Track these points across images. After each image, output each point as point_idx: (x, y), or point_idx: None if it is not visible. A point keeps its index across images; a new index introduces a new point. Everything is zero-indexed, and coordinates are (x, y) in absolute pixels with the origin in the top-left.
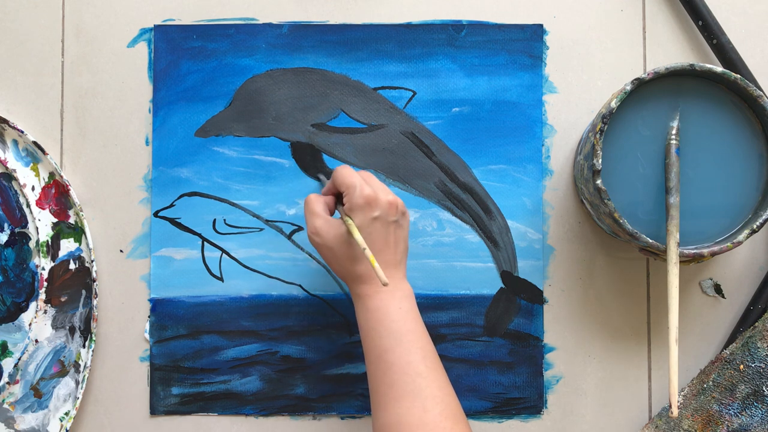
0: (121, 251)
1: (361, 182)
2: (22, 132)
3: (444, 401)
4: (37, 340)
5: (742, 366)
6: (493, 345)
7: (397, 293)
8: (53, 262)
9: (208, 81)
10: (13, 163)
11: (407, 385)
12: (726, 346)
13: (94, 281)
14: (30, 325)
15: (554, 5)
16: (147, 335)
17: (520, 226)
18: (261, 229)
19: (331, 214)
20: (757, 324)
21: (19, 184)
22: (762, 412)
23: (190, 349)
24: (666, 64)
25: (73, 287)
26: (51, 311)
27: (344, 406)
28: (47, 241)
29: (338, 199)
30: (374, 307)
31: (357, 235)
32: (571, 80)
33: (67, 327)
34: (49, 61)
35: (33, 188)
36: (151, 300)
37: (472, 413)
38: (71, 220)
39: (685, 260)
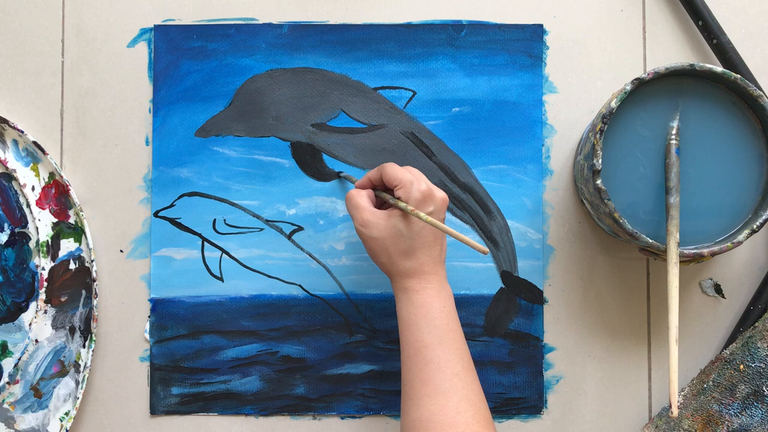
0: (121, 251)
1: (416, 178)
2: (22, 132)
3: (476, 405)
4: (37, 340)
5: (742, 366)
6: (493, 345)
7: (442, 292)
8: (53, 262)
9: (208, 81)
10: (13, 163)
11: (443, 384)
12: (726, 346)
13: (94, 281)
14: (30, 325)
15: (554, 5)
16: (147, 335)
17: (520, 226)
18: (261, 229)
19: (374, 206)
20: (757, 324)
21: (19, 184)
22: (762, 412)
23: (190, 349)
24: (666, 64)
25: (73, 287)
26: (51, 311)
27: (344, 406)
28: (47, 241)
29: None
30: (420, 302)
31: (430, 219)
32: (571, 80)
33: (67, 327)
34: (49, 61)
35: (33, 188)
36: (151, 300)
37: None
38: (71, 220)
39: (685, 260)
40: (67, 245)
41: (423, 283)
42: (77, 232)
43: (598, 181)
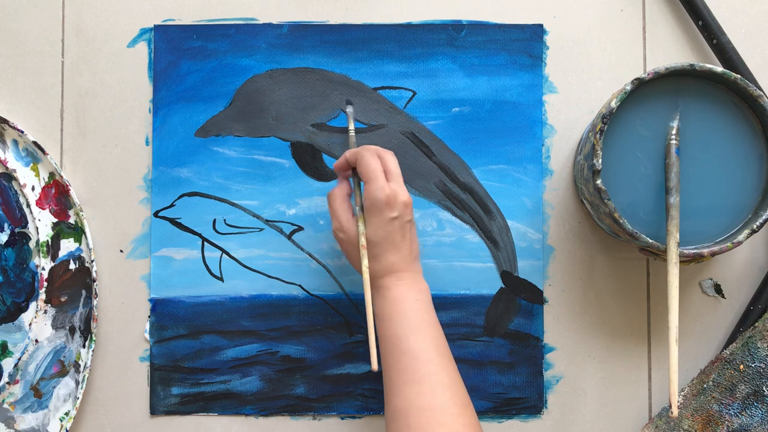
0: (121, 251)
1: (382, 177)
2: (22, 132)
3: (452, 388)
4: (37, 340)
5: (742, 366)
6: (493, 345)
7: (415, 287)
8: (53, 262)
9: (208, 81)
10: (13, 163)
11: (418, 371)
12: (726, 346)
13: (94, 281)
14: (30, 325)
15: (554, 5)
16: (147, 335)
17: (520, 226)
18: (261, 229)
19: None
20: (757, 324)
21: (19, 184)
22: (762, 412)
23: (190, 349)
24: (666, 64)
25: (73, 287)
26: (51, 311)
27: (344, 406)
28: (47, 241)
29: (355, 174)
30: (392, 297)
31: (362, 240)
32: (571, 80)
33: (67, 327)
34: (49, 61)
35: (33, 188)
36: (151, 300)
37: None
38: (71, 220)
39: (685, 260)
40: (67, 245)
41: (395, 280)
42: (77, 232)
43: (598, 181)
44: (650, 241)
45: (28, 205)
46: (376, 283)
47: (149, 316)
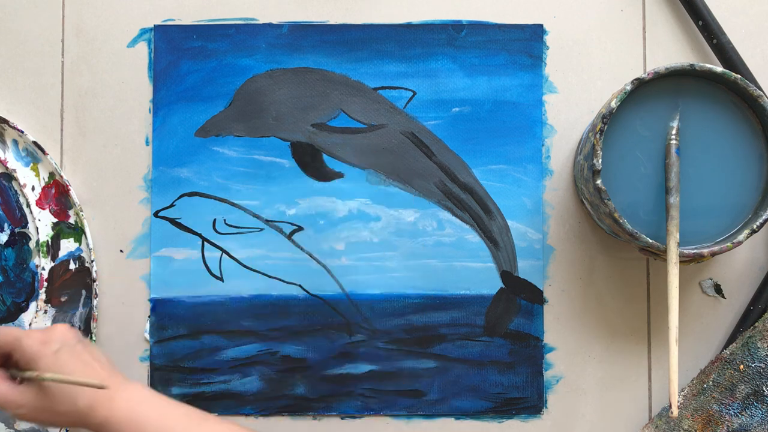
0: (121, 251)
1: (22, 331)
2: (22, 132)
3: None
4: None
5: (742, 366)
6: (493, 345)
7: (131, 392)
8: (53, 262)
9: (208, 81)
10: (13, 163)
11: None
12: (726, 346)
13: (94, 281)
14: (30, 325)
15: (554, 5)
16: (147, 335)
17: (520, 226)
18: (261, 229)
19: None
20: (757, 324)
21: (19, 184)
22: (762, 412)
23: (190, 349)
24: (666, 64)
25: (73, 287)
26: (51, 311)
27: (344, 406)
28: (47, 241)
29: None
30: (121, 419)
31: (52, 376)
32: (571, 80)
33: None
34: (49, 61)
35: (33, 188)
36: (151, 300)
37: (472, 413)
38: (71, 220)
39: (685, 260)
40: (67, 245)
41: (107, 402)
42: (77, 232)
43: (598, 181)
44: (650, 241)
45: (28, 205)
46: (95, 421)
47: (149, 316)
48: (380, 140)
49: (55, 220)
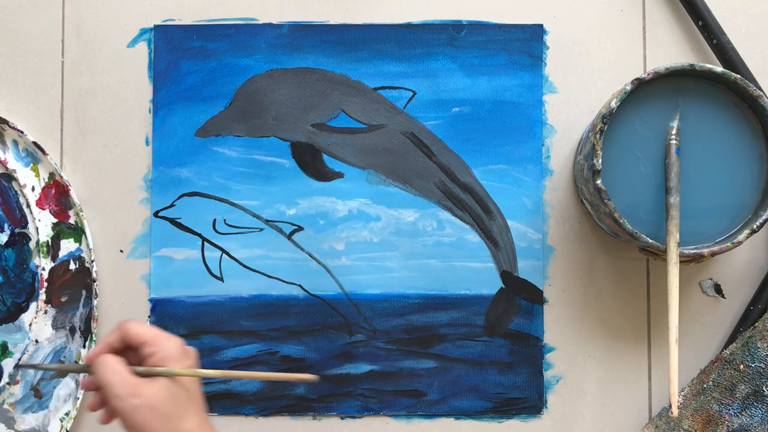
0: (121, 251)
1: (167, 334)
2: (22, 132)
3: None
4: (37, 341)
5: (742, 366)
6: (493, 345)
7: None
8: (53, 262)
9: (208, 81)
10: (13, 164)
11: None
12: (726, 346)
13: (94, 281)
14: (30, 325)
15: (554, 5)
16: None
17: (520, 226)
18: (261, 229)
19: None
20: (757, 324)
21: (19, 184)
22: (762, 412)
23: None
24: (666, 64)
25: (74, 287)
26: (51, 311)
27: (344, 406)
28: (47, 241)
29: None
30: None
31: (190, 372)
32: (571, 80)
33: (68, 327)
34: (49, 61)
35: (33, 188)
36: (151, 300)
37: (472, 413)
38: (71, 221)
39: (685, 260)
40: (67, 245)
41: None
42: (77, 232)
43: (598, 181)
44: (650, 241)
45: (28, 206)
46: None
47: (149, 316)
48: (380, 140)
49: (55, 220)
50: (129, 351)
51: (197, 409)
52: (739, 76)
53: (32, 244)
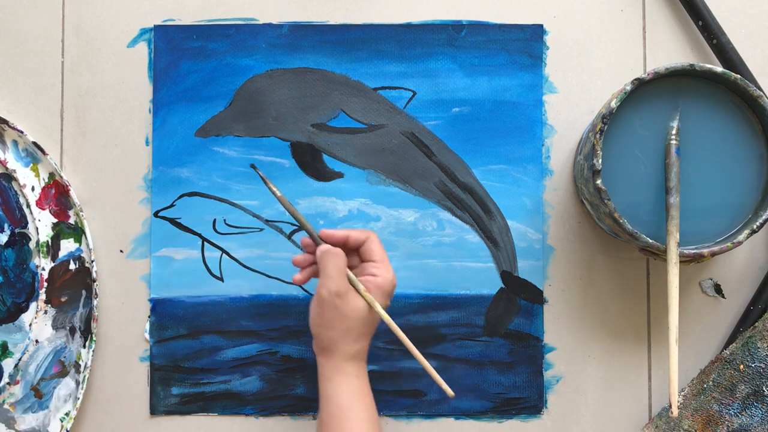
0: (121, 251)
1: (391, 267)
2: (22, 132)
3: None
4: (37, 341)
5: (742, 366)
6: (493, 345)
7: (367, 374)
8: (53, 262)
9: (208, 81)
10: (13, 164)
11: None
12: (726, 346)
13: (94, 281)
14: (30, 325)
15: (554, 5)
16: (147, 335)
17: (520, 226)
18: (261, 229)
19: None
20: (757, 324)
21: (19, 184)
22: (762, 412)
23: (190, 349)
24: (666, 64)
25: (73, 287)
26: (51, 311)
27: None
28: (47, 241)
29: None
30: (360, 387)
31: (384, 314)
32: (571, 80)
33: (68, 327)
34: (49, 61)
35: (33, 188)
36: (151, 300)
37: (472, 413)
38: (71, 221)
39: (685, 260)
40: (67, 245)
41: (362, 370)
42: (77, 232)
43: (598, 181)
44: (650, 241)
45: (28, 206)
46: (343, 367)
47: (149, 316)
48: (380, 140)
49: (55, 220)
50: (352, 252)
51: (366, 344)
52: (739, 76)
53: (32, 244)
